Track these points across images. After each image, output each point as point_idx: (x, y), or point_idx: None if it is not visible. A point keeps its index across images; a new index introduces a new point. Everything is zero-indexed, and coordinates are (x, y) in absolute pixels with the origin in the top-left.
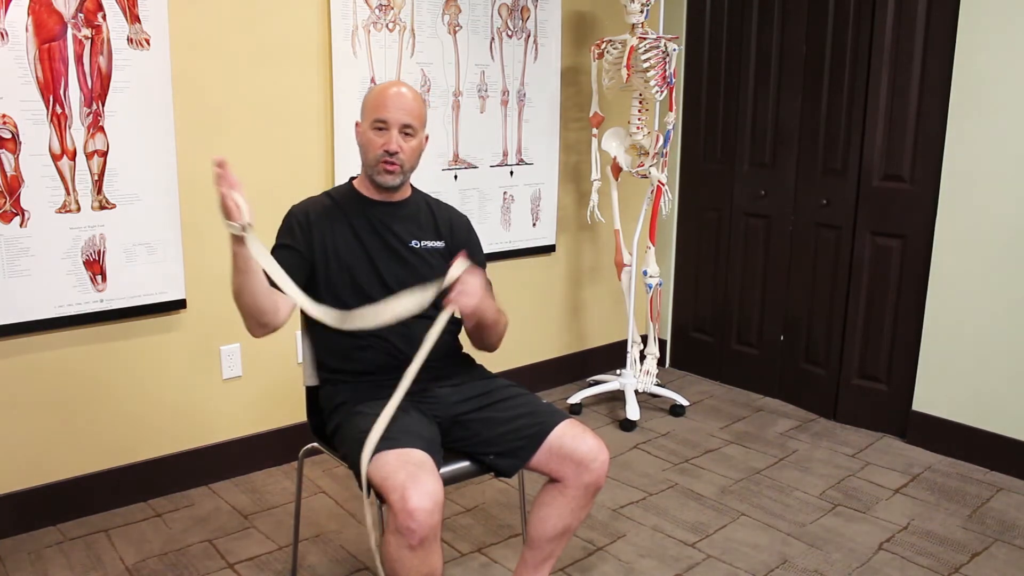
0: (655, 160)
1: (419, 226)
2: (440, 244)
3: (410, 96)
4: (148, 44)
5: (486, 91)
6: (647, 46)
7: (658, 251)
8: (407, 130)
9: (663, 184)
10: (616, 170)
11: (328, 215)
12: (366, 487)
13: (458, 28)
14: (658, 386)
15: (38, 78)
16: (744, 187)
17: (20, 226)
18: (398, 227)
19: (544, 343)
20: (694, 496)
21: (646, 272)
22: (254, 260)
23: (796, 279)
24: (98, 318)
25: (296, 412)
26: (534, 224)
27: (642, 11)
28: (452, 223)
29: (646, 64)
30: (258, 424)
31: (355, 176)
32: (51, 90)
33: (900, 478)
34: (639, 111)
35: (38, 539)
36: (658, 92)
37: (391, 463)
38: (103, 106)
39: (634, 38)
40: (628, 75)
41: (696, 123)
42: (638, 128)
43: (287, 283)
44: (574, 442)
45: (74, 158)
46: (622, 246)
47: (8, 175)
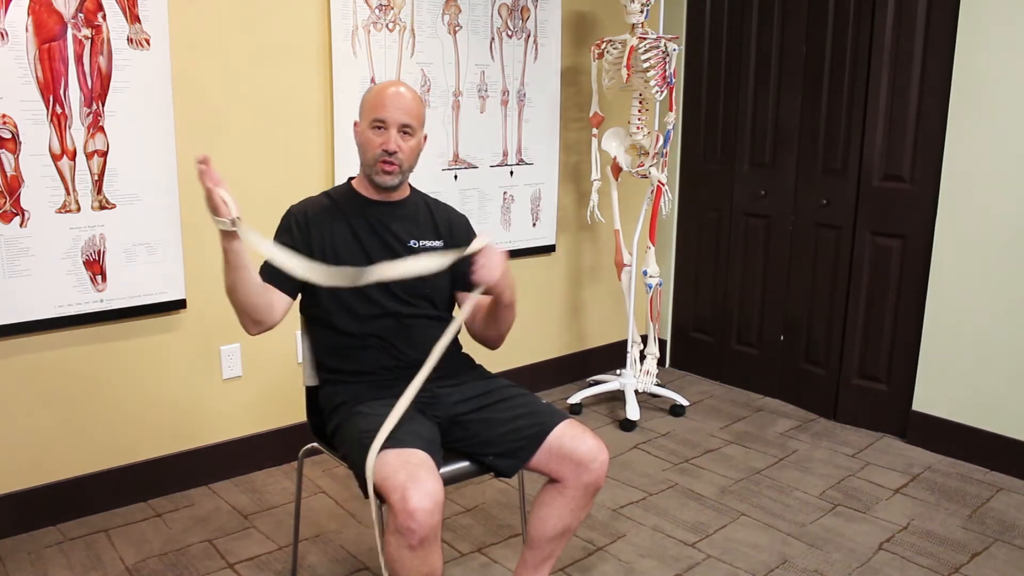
0: (655, 160)
1: (418, 226)
2: (439, 244)
3: (409, 96)
4: (148, 44)
5: (486, 91)
6: (647, 46)
7: (658, 251)
8: (406, 130)
9: (663, 184)
10: (616, 170)
11: (327, 215)
12: (372, 492)
13: (458, 28)
14: (658, 386)
15: (38, 78)
16: (744, 187)
17: (20, 226)
18: (397, 227)
19: (544, 343)
20: (694, 496)
21: (646, 272)
22: (245, 256)
23: (796, 279)
24: (98, 318)
25: (296, 412)
26: (534, 224)
27: (642, 11)
28: (451, 223)
29: (646, 64)
30: (258, 424)
31: (354, 176)
32: (51, 90)
33: (900, 478)
34: (639, 111)
35: (38, 539)
36: (658, 92)
37: (391, 463)
38: (103, 106)
39: (634, 38)
40: (628, 75)
41: (696, 123)
42: (638, 128)
43: (291, 261)
44: (574, 442)
45: (74, 158)
46: (622, 246)
47: (8, 175)
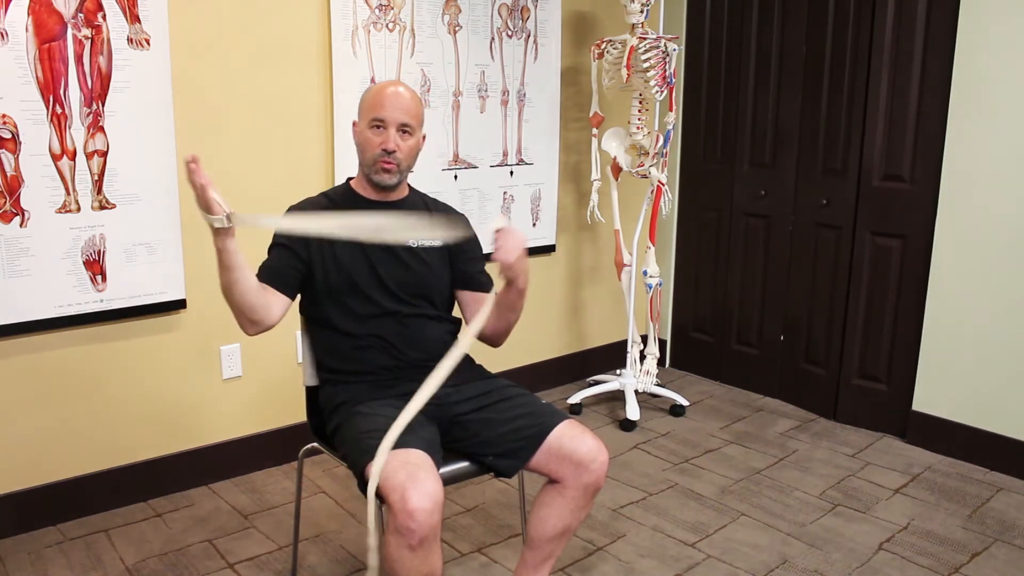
0: (655, 160)
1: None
2: (438, 243)
3: (408, 95)
4: (148, 44)
5: (486, 91)
6: (647, 46)
7: (658, 251)
8: (405, 129)
9: (663, 184)
10: (616, 170)
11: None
12: (373, 494)
13: (458, 28)
14: (658, 386)
15: (38, 78)
16: (744, 187)
17: (20, 226)
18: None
19: (544, 343)
20: (694, 496)
21: (646, 272)
22: (239, 256)
23: (796, 279)
24: (98, 318)
25: (296, 412)
26: (534, 224)
27: (642, 11)
28: (450, 222)
29: (646, 64)
30: (258, 424)
31: (352, 177)
32: (51, 90)
33: (900, 478)
34: (639, 111)
35: (38, 539)
36: (658, 92)
37: (391, 463)
38: (103, 106)
39: (634, 38)
40: (628, 75)
41: (696, 123)
42: (638, 128)
43: (299, 223)
44: (573, 443)
45: (74, 158)
46: (622, 246)
47: (8, 175)
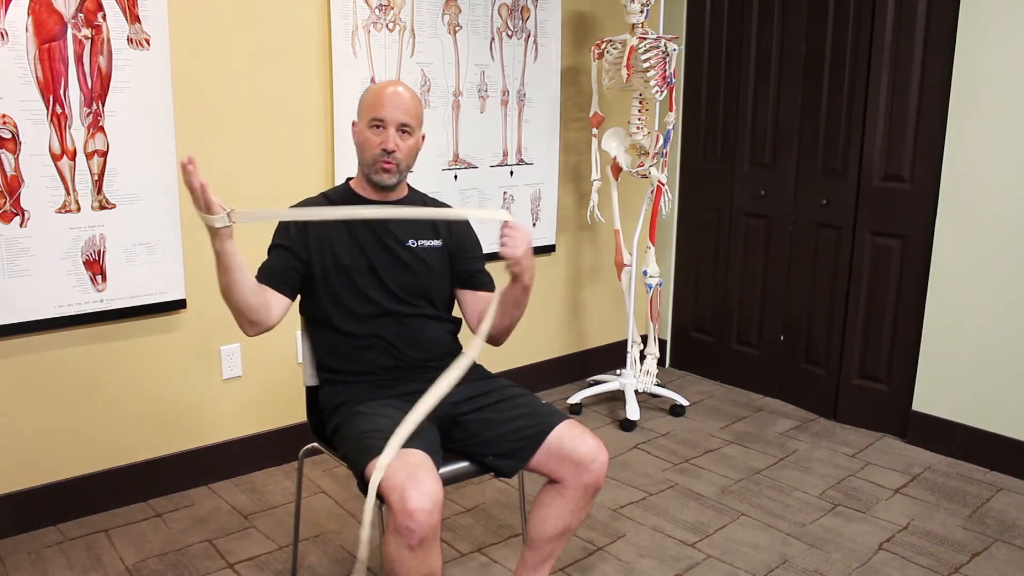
0: (655, 160)
1: (416, 225)
2: (438, 243)
3: (407, 95)
4: (148, 44)
5: (486, 91)
6: (647, 46)
7: (658, 251)
8: (404, 129)
9: (663, 184)
10: (616, 170)
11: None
12: (374, 488)
13: (458, 28)
14: (658, 386)
15: (38, 78)
16: (744, 187)
17: (20, 226)
18: (395, 226)
19: (544, 343)
20: (694, 496)
21: (646, 272)
22: (238, 257)
23: (796, 279)
24: (98, 318)
25: (296, 412)
26: (534, 224)
27: (642, 11)
28: (450, 222)
29: (646, 64)
30: (258, 424)
31: (352, 177)
32: (51, 90)
33: (900, 478)
34: (639, 111)
35: (38, 539)
36: (658, 92)
37: (391, 463)
38: (103, 106)
39: (634, 38)
40: (628, 75)
41: (696, 123)
42: (638, 128)
43: (298, 212)
44: (573, 443)
45: (74, 158)
46: (622, 246)
47: (8, 175)
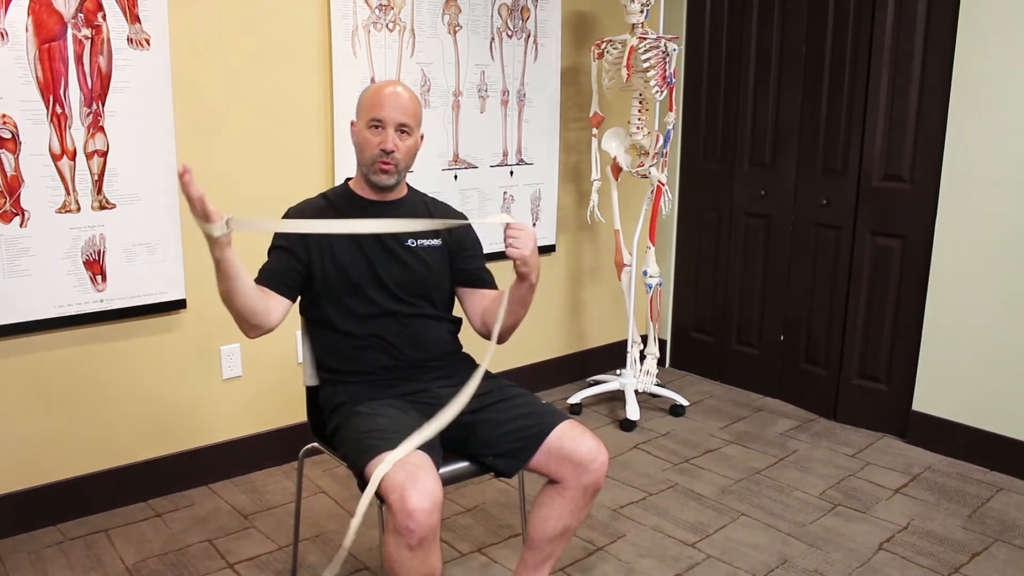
0: (655, 160)
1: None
2: (437, 243)
3: (406, 95)
4: (148, 44)
5: (486, 91)
6: (647, 46)
7: (658, 251)
8: (403, 129)
9: (663, 184)
10: (616, 170)
11: (324, 216)
12: (376, 480)
13: (458, 28)
14: (658, 386)
15: (38, 78)
16: (744, 187)
17: (20, 226)
18: None
19: (544, 343)
20: (694, 496)
21: (646, 272)
22: (237, 264)
23: (796, 279)
24: (98, 318)
25: (296, 412)
26: (534, 224)
27: (642, 11)
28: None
29: (646, 64)
30: (258, 424)
31: (351, 177)
32: (51, 90)
33: (900, 478)
34: (639, 111)
35: (38, 539)
36: (658, 92)
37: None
38: (103, 106)
39: (634, 38)
40: (628, 75)
41: (696, 123)
42: (638, 128)
43: (296, 224)
44: (573, 443)
45: (74, 158)
46: (622, 246)
47: (8, 175)
